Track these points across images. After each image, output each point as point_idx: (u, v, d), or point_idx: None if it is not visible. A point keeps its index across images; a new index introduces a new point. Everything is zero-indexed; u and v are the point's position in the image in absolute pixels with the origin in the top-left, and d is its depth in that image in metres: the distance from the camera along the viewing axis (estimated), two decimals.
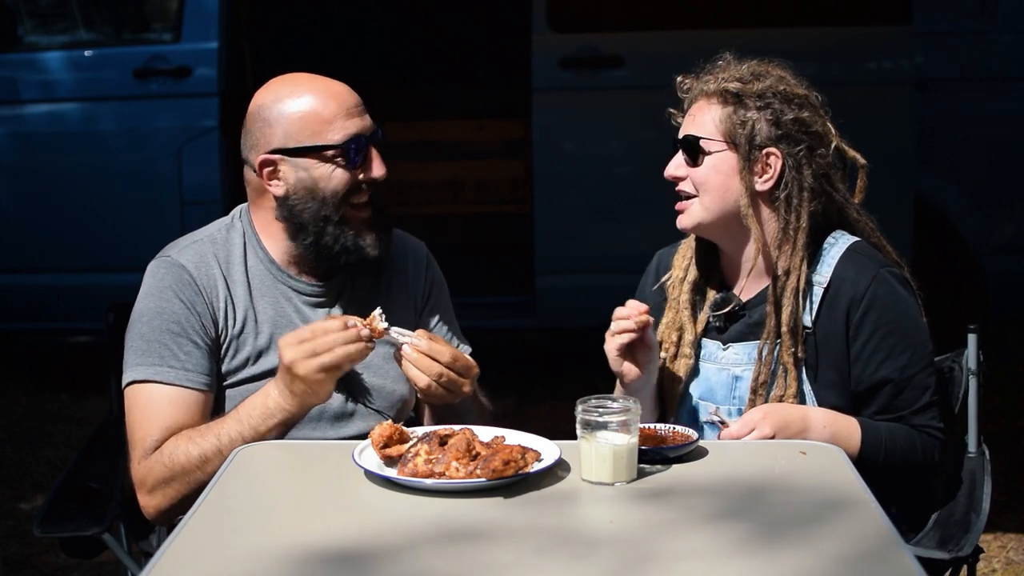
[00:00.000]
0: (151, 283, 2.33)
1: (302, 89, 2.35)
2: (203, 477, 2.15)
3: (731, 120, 2.32)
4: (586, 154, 5.11)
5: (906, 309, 2.32)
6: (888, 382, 2.30)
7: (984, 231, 5.21)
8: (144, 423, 2.24)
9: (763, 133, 2.31)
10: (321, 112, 2.31)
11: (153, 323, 2.28)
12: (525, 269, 5.19)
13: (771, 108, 2.32)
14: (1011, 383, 5.20)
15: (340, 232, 2.31)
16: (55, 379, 5.55)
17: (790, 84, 2.36)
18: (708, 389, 2.41)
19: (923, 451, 2.31)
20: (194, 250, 2.36)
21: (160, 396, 2.24)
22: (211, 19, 4.99)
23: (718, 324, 2.41)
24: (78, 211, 5.09)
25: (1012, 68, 5.24)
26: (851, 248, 2.35)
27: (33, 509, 4.06)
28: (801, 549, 1.71)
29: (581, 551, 1.73)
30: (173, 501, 2.21)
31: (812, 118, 2.35)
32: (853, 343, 2.30)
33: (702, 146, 2.34)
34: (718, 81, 2.35)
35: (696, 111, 2.37)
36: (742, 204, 2.32)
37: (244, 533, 1.81)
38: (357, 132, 2.31)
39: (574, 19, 5.09)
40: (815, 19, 4.99)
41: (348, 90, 2.37)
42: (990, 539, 3.80)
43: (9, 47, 5.22)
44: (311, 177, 2.30)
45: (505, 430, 2.10)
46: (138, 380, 2.26)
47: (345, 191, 2.31)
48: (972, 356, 2.44)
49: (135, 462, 2.24)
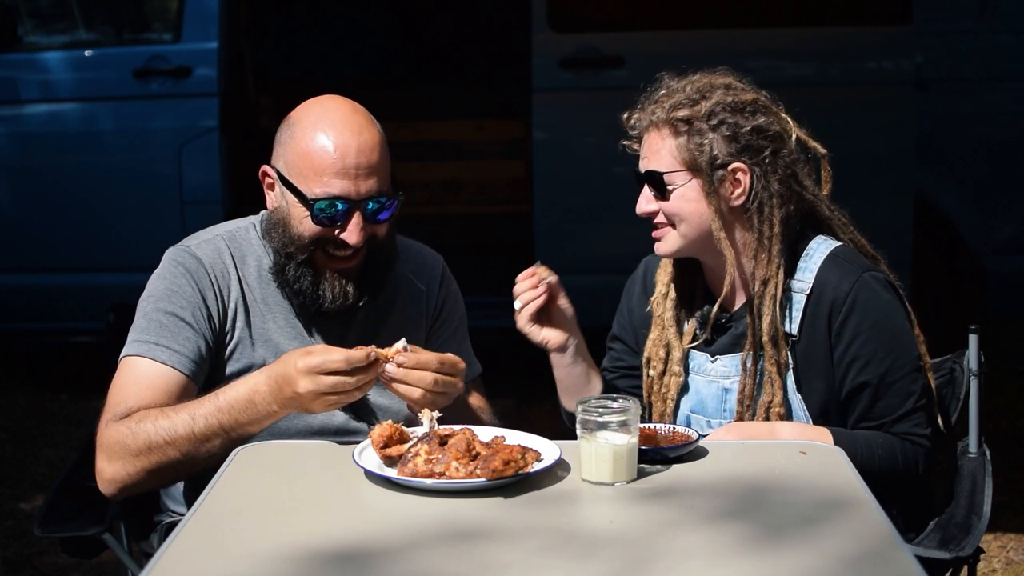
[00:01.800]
0: (167, 267, 2.30)
1: (323, 125, 2.23)
2: (165, 458, 2.10)
3: (687, 148, 2.29)
4: (586, 154, 5.11)
5: (888, 314, 2.30)
6: (867, 386, 2.28)
7: (984, 231, 5.21)
8: (123, 391, 2.20)
9: (723, 151, 2.28)
10: (316, 159, 2.21)
11: (160, 303, 2.26)
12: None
13: (724, 124, 2.29)
14: (1011, 383, 5.20)
15: (301, 273, 2.26)
16: (55, 379, 5.55)
17: (737, 92, 2.32)
18: (699, 402, 2.40)
19: (904, 460, 2.29)
20: (213, 245, 2.34)
21: (146, 371, 2.21)
22: (211, 19, 4.99)
23: (705, 336, 2.40)
24: (78, 211, 5.09)
25: (1012, 68, 5.24)
26: (833, 253, 2.33)
27: (33, 509, 4.06)
28: (801, 549, 1.71)
29: (581, 551, 1.73)
30: (130, 474, 2.13)
31: (768, 121, 2.31)
32: (835, 348, 2.29)
33: (665, 180, 2.31)
34: (665, 110, 2.31)
35: (651, 144, 2.35)
36: (714, 228, 2.30)
37: (244, 533, 1.81)
38: (338, 195, 2.20)
39: (574, 19, 5.09)
40: (815, 19, 4.99)
41: (362, 148, 2.22)
42: (990, 539, 3.80)
43: (9, 47, 5.22)
44: (288, 211, 2.26)
45: (505, 430, 2.10)
46: (131, 355, 2.23)
47: (311, 240, 2.24)
48: (973, 357, 2.43)
49: (102, 425, 2.17)
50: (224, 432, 2.11)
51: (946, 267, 5.25)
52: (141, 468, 2.12)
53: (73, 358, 5.88)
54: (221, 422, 2.11)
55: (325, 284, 2.27)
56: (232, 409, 2.11)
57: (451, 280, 2.52)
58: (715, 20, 4.98)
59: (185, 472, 2.17)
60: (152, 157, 5.05)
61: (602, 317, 2.65)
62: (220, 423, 2.11)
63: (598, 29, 5.12)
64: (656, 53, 4.91)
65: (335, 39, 7.00)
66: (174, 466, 2.13)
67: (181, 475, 2.20)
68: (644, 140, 2.37)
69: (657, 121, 2.33)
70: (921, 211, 5.00)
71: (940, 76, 5.14)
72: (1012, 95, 5.27)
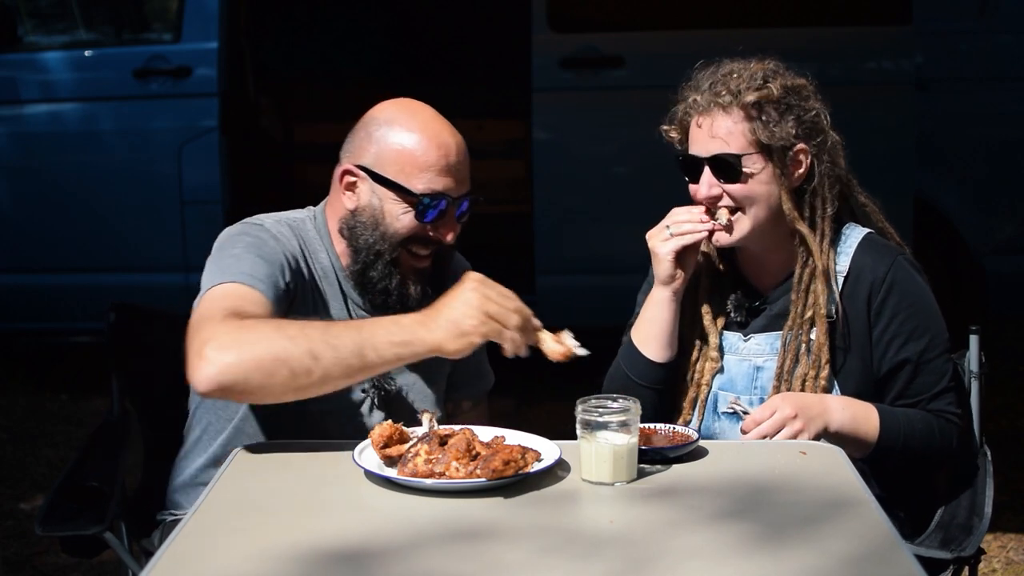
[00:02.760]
0: (245, 227, 2.26)
1: (416, 124, 2.28)
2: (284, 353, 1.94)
3: (762, 131, 2.30)
4: (586, 154, 5.11)
5: (924, 294, 2.37)
6: (907, 363, 2.33)
7: (984, 231, 5.21)
8: (226, 299, 2.07)
9: (791, 134, 2.31)
10: (418, 155, 2.25)
11: (250, 249, 2.19)
12: (525, 269, 5.19)
13: (792, 108, 2.32)
14: (1011, 383, 5.20)
15: (388, 272, 2.27)
16: (55, 379, 5.55)
17: (790, 76, 2.37)
18: (728, 379, 2.42)
19: (941, 436, 2.34)
20: (283, 227, 2.30)
21: (245, 291, 2.10)
22: (211, 19, 4.99)
23: (739, 319, 2.42)
24: (78, 211, 5.08)
25: (1012, 68, 5.24)
26: (866, 238, 2.39)
27: (33, 509, 4.06)
28: (802, 549, 1.71)
29: (582, 551, 1.73)
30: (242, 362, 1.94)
31: (820, 106, 2.37)
32: (875, 327, 2.34)
33: (742, 163, 2.31)
34: (736, 94, 2.31)
35: (717, 126, 2.33)
36: (786, 209, 2.33)
37: (244, 533, 1.81)
38: (441, 191, 2.25)
39: (574, 19, 5.09)
40: (815, 19, 4.99)
41: (460, 149, 2.30)
42: (990, 539, 3.80)
43: (9, 47, 5.22)
44: (381, 208, 2.27)
45: (505, 430, 2.10)
46: (224, 282, 2.12)
47: (406, 237, 2.27)
48: (974, 357, 2.45)
49: (213, 322, 2.00)
50: (353, 349, 1.97)
51: (946, 267, 5.25)
52: (256, 358, 1.95)
53: (73, 358, 5.88)
54: (354, 339, 1.98)
55: (408, 285, 2.29)
56: (373, 325, 2.01)
57: None
58: (715, 20, 4.98)
59: (291, 388, 1.98)
60: (152, 157, 5.05)
61: (603, 317, 2.65)
62: (353, 340, 1.98)
63: (598, 29, 5.12)
64: (656, 53, 4.91)
65: (335, 39, 6.99)
66: (289, 370, 1.95)
67: (286, 389, 1.99)
68: (703, 124, 2.34)
69: (725, 103, 2.32)
70: (921, 211, 5.00)
71: (940, 76, 5.14)
72: (1012, 95, 5.27)
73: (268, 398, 2.01)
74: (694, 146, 2.36)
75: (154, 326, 2.69)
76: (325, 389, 2.01)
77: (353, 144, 2.32)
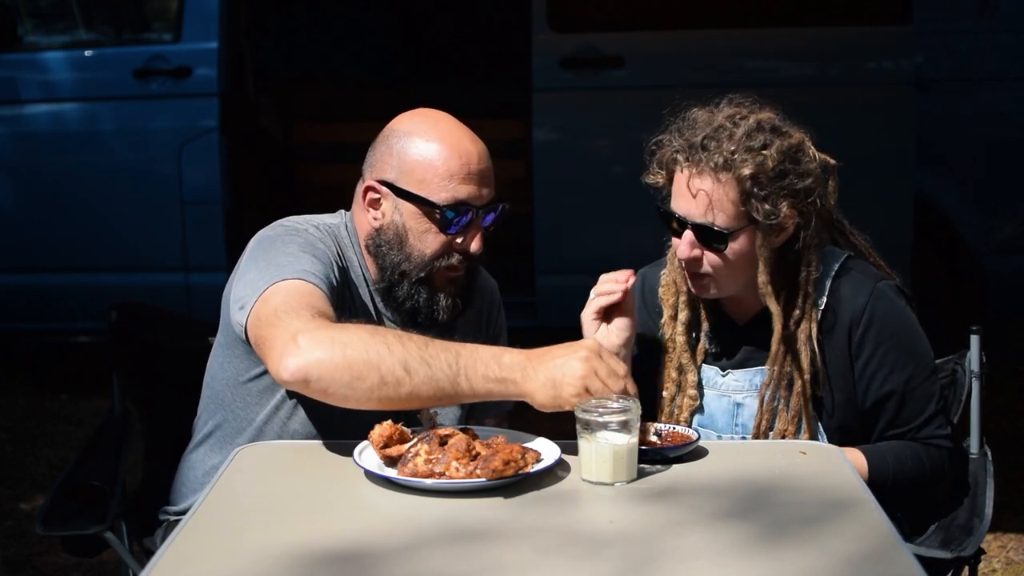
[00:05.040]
0: (289, 227, 2.21)
1: (436, 133, 2.21)
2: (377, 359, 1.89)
3: (753, 206, 2.20)
4: (586, 154, 5.11)
5: (906, 321, 2.32)
6: (893, 394, 2.29)
7: (984, 231, 5.21)
8: (299, 296, 2.02)
9: (781, 204, 2.22)
10: (439, 165, 2.19)
11: (305, 248, 2.15)
12: (525, 269, 5.19)
13: (786, 176, 2.22)
14: (1011, 383, 5.21)
15: (415, 290, 2.22)
16: (55, 379, 5.56)
17: (786, 135, 2.24)
18: (708, 417, 2.39)
19: (931, 465, 2.32)
20: (322, 232, 2.25)
21: (310, 288, 2.05)
22: (211, 19, 4.99)
23: (715, 350, 2.39)
24: (78, 211, 5.09)
25: (1012, 68, 5.24)
26: (843, 266, 2.32)
27: (33, 509, 4.06)
28: (802, 549, 1.71)
29: (582, 551, 1.73)
30: (334, 358, 1.90)
31: (810, 162, 2.26)
32: (856, 360, 2.29)
33: (725, 239, 2.23)
34: (730, 162, 2.19)
35: (706, 191, 2.21)
36: (761, 282, 2.25)
37: (244, 533, 1.81)
38: (465, 199, 2.19)
39: (574, 19, 5.09)
40: (815, 19, 4.99)
41: (482, 155, 2.22)
42: (990, 539, 3.80)
43: (9, 47, 5.22)
44: (405, 226, 2.21)
45: (505, 430, 2.10)
46: (285, 278, 2.05)
47: (434, 255, 2.21)
48: (975, 358, 2.44)
49: (301, 316, 1.96)
50: (448, 373, 1.93)
51: (946, 267, 5.25)
52: (348, 359, 1.90)
53: (73, 358, 5.89)
54: (451, 363, 1.93)
55: (440, 296, 2.24)
56: (472, 354, 1.95)
57: (503, 308, 2.51)
58: (715, 20, 4.98)
59: (376, 397, 1.93)
60: (152, 157, 5.05)
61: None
62: (450, 364, 1.93)
63: (598, 29, 5.12)
64: (656, 53, 4.92)
65: (335, 39, 6.99)
66: (379, 377, 1.91)
67: (371, 397, 1.93)
68: (692, 183, 2.23)
69: (717, 168, 2.20)
70: (921, 211, 5.00)
71: (940, 76, 5.14)
72: (1012, 95, 5.27)
73: (349, 401, 1.94)
74: (679, 200, 2.26)
75: (155, 326, 2.69)
76: (410, 405, 1.97)
77: (374, 158, 2.27)
